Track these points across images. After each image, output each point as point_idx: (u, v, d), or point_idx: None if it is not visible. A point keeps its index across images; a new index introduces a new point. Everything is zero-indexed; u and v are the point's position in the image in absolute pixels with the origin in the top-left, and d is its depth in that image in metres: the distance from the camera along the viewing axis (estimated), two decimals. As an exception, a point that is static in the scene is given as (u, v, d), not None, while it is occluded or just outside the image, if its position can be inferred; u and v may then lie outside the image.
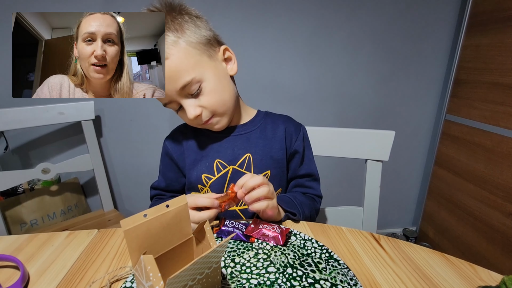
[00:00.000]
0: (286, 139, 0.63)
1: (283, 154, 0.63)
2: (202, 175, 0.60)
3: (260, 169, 0.61)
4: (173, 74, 0.50)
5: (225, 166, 0.60)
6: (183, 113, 0.56)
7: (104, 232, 0.52)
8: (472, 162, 1.28)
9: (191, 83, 0.51)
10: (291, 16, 1.25)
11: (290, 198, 0.59)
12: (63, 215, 1.20)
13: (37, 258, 0.45)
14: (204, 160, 0.61)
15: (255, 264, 0.43)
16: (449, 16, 1.35)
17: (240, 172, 0.60)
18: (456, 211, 1.38)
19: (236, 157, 0.60)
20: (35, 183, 1.21)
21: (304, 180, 0.66)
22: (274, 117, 0.67)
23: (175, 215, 0.35)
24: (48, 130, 1.23)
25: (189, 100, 0.53)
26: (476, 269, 0.44)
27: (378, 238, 0.51)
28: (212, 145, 0.62)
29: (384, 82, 1.41)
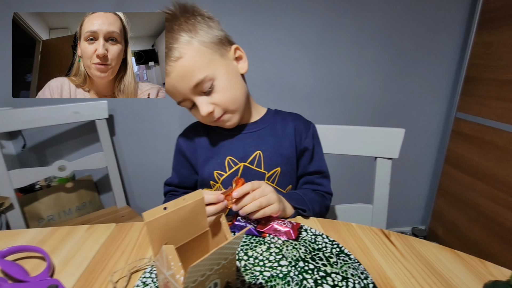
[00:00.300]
0: (295, 137, 0.65)
1: (293, 151, 0.64)
2: (214, 172, 0.62)
3: (270, 165, 0.62)
4: (187, 72, 0.52)
5: (236, 163, 0.62)
6: (196, 111, 0.57)
7: (122, 226, 0.54)
8: (483, 160, 1.27)
9: (204, 81, 0.53)
10: (298, 15, 1.26)
11: (300, 194, 0.60)
12: (78, 211, 1.24)
13: (60, 250, 0.47)
14: (216, 157, 0.63)
15: (267, 258, 0.44)
16: (459, 13, 1.34)
17: (251, 169, 0.62)
18: (466, 210, 1.37)
19: (246, 154, 0.62)
20: (51, 180, 1.26)
21: (314, 177, 0.67)
22: (284, 115, 0.68)
23: (192, 209, 0.37)
24: (63, 128, 1.27)
25: (202, 98, 0.55)
26: (487, 265, 0.44)
27: (388, 234, 0.52)
28: (224, 143, 0.63)
29: (392, 80, 1.40)
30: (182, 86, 0.53)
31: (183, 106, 0.58)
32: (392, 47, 1.35)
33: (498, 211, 1.19)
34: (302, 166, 0.66)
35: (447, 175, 1.49)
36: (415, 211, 1.69)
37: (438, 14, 1.32)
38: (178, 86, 0.53)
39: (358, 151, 0.79)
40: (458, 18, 1.34)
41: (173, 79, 0.52)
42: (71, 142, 1.29)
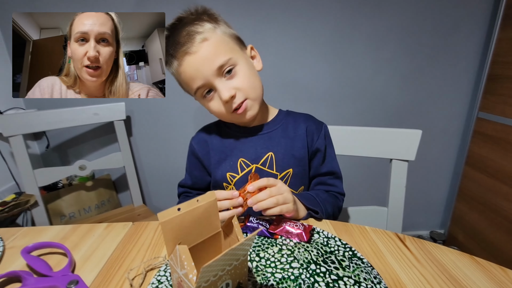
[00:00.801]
0: (307, 138, 0.64)
1: (305, 152, 0.64)
2: (227, 174, 0.63)
3: (282, 167, 0.62)
4: (211, 54, 0.53)
5: (249, 164, 0.62)
6: (214, 102, 0.57)
7: (138, 225, 0.56)
8: (506, 162, 1.21)
9: (227, 63, 0.54)
10: (312, 15, 1.25)
11: (313, 195, 0.60)
12: (97, 209, 1.29)
13: (81, 247, 0.49)
14: (229, 159, 0.63)
15: (279, 259, 0.45)
16: (482, 8, 1.28)
17: (263, 170, 0.62)
18: (488, 214, 1.31)
19: (259, 156, 0.62)
20: (72, 179, 1.31)
21: (326, 178, 0.67)
22: (296, 116, 0.68)
23: (205, 210, 0.38)
24: (84, 129, 1.32)
25: (223, 82, 0.55)
26: (508, 272, 0.43)
27: (403, 238, 0.51)
28: (236, 145, 0.64)
29: (410, 79, 1.36)
30: (206, 68, 0.53)
31: (198, 96, 0.58)
32: (410, 44, 1.31)
33: (524, 215, 1.14)
34: (314, 167, 0.66)
35: (468, 177, 1.43)
36: (434, 214, 1.63)
37: (459, 9, 1.27)
38: (201, 69, 0.53)
39: (373, 152, 0.78)
40: (481, 13, 1.28)
41: (197, 60, 0.53)
42: (91, 142, 1.35)
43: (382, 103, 1.39)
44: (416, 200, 1.53)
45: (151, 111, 1.33)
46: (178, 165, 1.41)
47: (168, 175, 1.44)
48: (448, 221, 1.57)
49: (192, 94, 0.60)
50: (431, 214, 1.63)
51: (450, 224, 1.56)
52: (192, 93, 0.58)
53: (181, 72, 0.55)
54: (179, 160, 1.40)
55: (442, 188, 1.57)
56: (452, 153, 1.51)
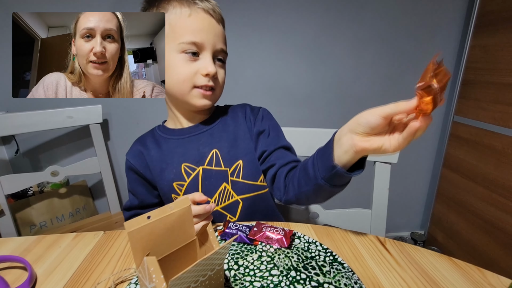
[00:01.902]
0: (247, 123, 0.62)
1: (248, 139, 0.61)
2: (174, 184, 0.58)
3: (230, 161, 0.58)
4: (221, 35, 0.55)
5: (194, 168, 0.58)
6: (188, 65, 0.52)
7: (110, 234, 0.52)
8: (481, 164, 1.26)
9: (223, 55, 0.56)
10: (295, 19, 1.26)
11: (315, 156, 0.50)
12: (71, 217, 1.22)
13: (45, 259, 0.46)
14: (170, 167, 0.58)
15: (258, 267, 0.43)
16: (456, 16, 1.34)
17: (211, 170, 0.57)
18: (465, 214, 1.35)
19: (202, 156, 0.58)
20: (44, 185, 1.24)
21: (286, 154, 0.60)
22: (233, 107, 0.66)
23: (178, 217, 0.35)
24: (57, 133, 1.25)
25: (212, 59, 0.54)
26: (485, 273, 0.43)
27: (384, 241, 0.51)
28: (176, 150, 0.59)
29: (390, 83, 1.40)
30: (212, 37, 0.53)
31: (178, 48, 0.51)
32: (389, 49, 1.35)
33: (498, 215, 1.18)
34: (261, 149, 0.60)
35: (445, 179, 1.48)
36: (414, 215, 1.67)
37: (434, 17, 1.32)
38: (208, 33, 0.52)
39: None
40: (455, 21, 1.34)
41: (211, 24, 0.53)
42: (65, 147, 1.28)
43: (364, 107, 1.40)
44: (396, 202, 1.56)
45: (130, 113, 1.29)
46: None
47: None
48: (428, 222, 1.61)
49: (168, 41, 0.52)
50: (411, 216, 1.66)
51: (430, 225, 1.60)
52: (175, 43, 0.51)
53: (183, 19, 0.51)
54: (160, 164, 1.35)
55: (421, 190, 1.61)
56: (430, 156, 1.55)
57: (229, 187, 0.58)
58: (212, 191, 0.57)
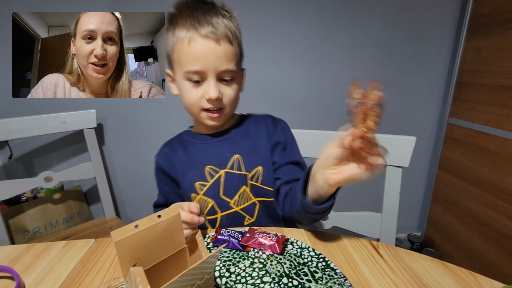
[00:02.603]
0: (267, 134, 0.65)
1: (268, 148, 0.64)
2: (196, 183, 0.61)
3: (250, 166, 0.61)
4: (223, 55, 0.53)
5: (217, 171, 0.61)
6: (195, 91, 0.55)
7: (101, 241, 0.52)
8: (476, 165, 1.26)
9: (230, 74, 0.55)
10: (290, 22, 1.26)
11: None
12: (65, 223, 1.21)
13: (34, 269, 0.45)
14: (195, 168, 0.62)
15: (250, 274, 0.42)
16: (449, 19, 1.35)
17: (233, 174, 0.61)
18: (461, 216, 1.35)
19: (225, 160, 0.61)
20: (38, 191, 1.23)
21: (295, 169, 0.63)
22: (255, 117, 0.69)
23: (167, 225, 0.35)
24: (51, 138, 1.24)
25: (216, 82, 0.54)
26: (477, 277, 0.43)
27: (377, 246, 0.51)
28: (200, 154, 0.63)
29: (385, 86, 1.38)
30: (213, 62, 0.52)
31: (184, 77, 0.55)
32: (384, 53, 1.36)
33: (493, 216, 1.18)
34: (276, 160, 0.64)
35: (441, 181, 1.48)
36: (411, 217, 1.67)
37: (428, 20, 1.33)
38: (209, 59, 0.52)
39: None
40: (448, 24, 1.35)
41: (211, 49, 0.52)
42: (59, 152, 1.27)
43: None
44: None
45: (125, 118, 1.28)
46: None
47: (143, 185, 1.38)
48: (425, 224, 1.61)
49: (175, 70, 0.57)
50: (408, 218, 1.67)
51: (427, 227, 1.60)
52: (181, 71, 0.55)
53: (185, 47, 0.52)
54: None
55: (418, 192, 1.62)
56: (426, 158, 1.56)
57: (248, 190, 0.61)
58: (233, 193, 0.61)
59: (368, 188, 1.49)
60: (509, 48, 1.10)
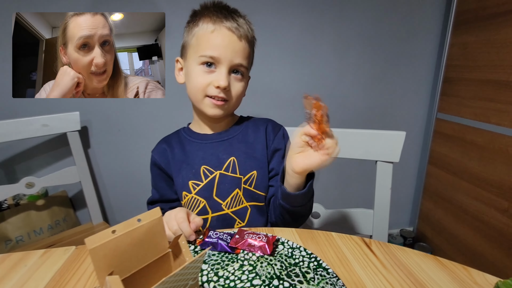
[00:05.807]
0: (266, 139, 0.65)
1: (265, 154, 0.63)
2: (189, 182, 0.61)
3: (245, 170, 0.61)
4: (239, 51, 0.56)
5: (212, 171, 0.61)
6: (204, 76, 0.56)
7: (82, 248, 0.49)
8: (465, 160, 1.28)
9: (242, 70, 0.58)
10: (277, 20, 1.25)
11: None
12: (50, 230, 1.16)
13: (8, 280, 0.42)
14: (190, 167, 0.62)
15: (239, 277, 0.41)
16: (435, 15, 1.36)
17: (227, 176, 0.61)
18: (452, 210, 1.37)
19: (221, 162, 0.61)
20: (20, 198, 1.18)
21: None
22: (255, 120, 0.69)
23: (148, 230, 0.33)
24: (33, 143, 1.20)
25: (227, 73, 0.57)
26: (470, 271, 0.42)
27: (369, 243, 0.49)
28: (197, 153, 0.63)
29: (373, 83, 1.41)
30: (230, 53, 0.55)
31: (198, 61, 0.56)
32: (372, 50, 1.36)
33: (483, 210, 1.20)
34: (274, 167, 0.64)
35: (431, 175, 1.49)
36: (403, 213, 1.68)
37: (414, 17, 1.34)
38: (227, 49, 0.55)
39: (359, 154, 0.76)
40: (434, 20, 1.37)
41: (231, 41, 0.55)
42: (41, 156, 1.22)
43: (347, 107, 1.42)
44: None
45: (111, 120, 1.24)
46: (143, 177, 1.32)
47: (131, 188, 1.35)
48: (416, 219, 1.62)
49: (189, 55, 0.58)
50: (400, 213, 1.68)
51: (419, 222, 1.61)
52: (197, 55, 0.56)
53: (207, 34, 0.55)
54: (144, 171, 1.31)
55: (409, 187, 1.63)
56: (416, 153, 1.57)
57: (241, 194, 0.61)
58: (225, 195, 0.60)
59: (359, 184, 1.50)
60: (493, 42, 1.11)
